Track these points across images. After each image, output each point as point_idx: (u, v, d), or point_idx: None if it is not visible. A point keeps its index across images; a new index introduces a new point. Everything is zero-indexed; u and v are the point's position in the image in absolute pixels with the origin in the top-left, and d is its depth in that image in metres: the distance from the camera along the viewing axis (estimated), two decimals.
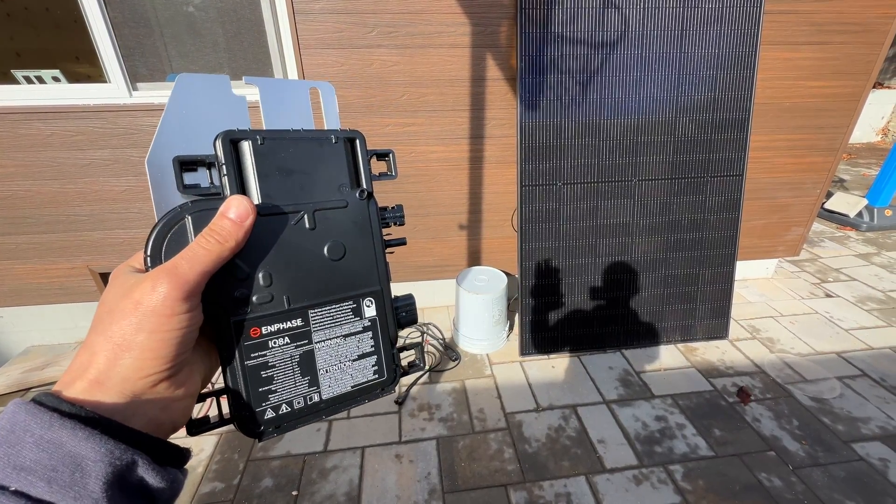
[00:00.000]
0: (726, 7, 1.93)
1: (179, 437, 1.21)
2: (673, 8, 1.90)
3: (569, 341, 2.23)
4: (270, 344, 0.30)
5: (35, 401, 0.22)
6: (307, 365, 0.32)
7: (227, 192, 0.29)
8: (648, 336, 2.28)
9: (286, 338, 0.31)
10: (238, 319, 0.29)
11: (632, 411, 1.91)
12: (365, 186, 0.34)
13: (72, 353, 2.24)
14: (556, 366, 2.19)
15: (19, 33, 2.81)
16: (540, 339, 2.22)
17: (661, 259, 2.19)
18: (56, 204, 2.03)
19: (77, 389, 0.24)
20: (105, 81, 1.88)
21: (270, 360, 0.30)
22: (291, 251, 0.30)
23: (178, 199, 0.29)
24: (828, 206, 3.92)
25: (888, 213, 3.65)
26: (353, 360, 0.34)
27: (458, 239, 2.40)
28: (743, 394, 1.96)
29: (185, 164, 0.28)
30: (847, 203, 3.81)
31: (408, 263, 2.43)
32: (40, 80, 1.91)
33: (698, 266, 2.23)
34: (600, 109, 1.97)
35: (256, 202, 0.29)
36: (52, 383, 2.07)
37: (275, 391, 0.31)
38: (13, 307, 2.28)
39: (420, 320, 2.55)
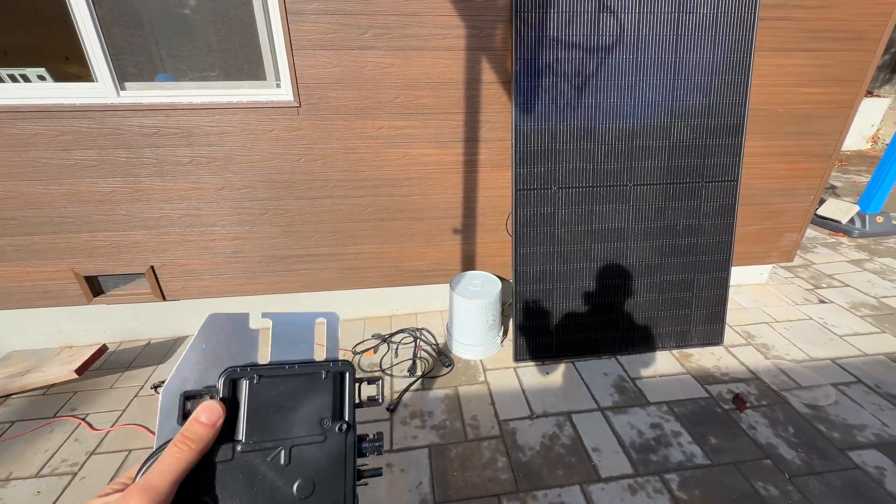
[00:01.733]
0: (721, 13, 1.93)
1: None
2: (668, 13, 1.90)
3: (563, 347, 2.21)
4: None
5: None
6: None
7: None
8: (643, 342, 2.26)
9: None
10: None
11: (627, 418, 1.88)
12: (347, 419, 0.35)
13: (56, 357, 2.19)
14: (550, 372, 2.16)
15: (7, 31, 2.76)
16: (534, 344, 2.19)
17: (656, 264, 2.18)
18: (40, 205, 1.98)
19: None
20: (92, 80, 1.83)
21: None
22: (261, 487, 0.31)
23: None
24: (820, 212, 3.94)
25: (879, 219, 3.68)
26: None
27: (452, 243, 2.38)
28: (739, 401, 1.94)
29: (190, 398, 0.32)
30: (839, 209, 3.84)
31: (401, 268, 2.40)
32: (25, 78, 1.87)
33: (693, 271, 2.22)
34: (596, 113, 1.96)
35: (240, 438, 0.31)
36: (33, 390, 2.02)
37: None
38: None
39: (413, 325, 2.51)
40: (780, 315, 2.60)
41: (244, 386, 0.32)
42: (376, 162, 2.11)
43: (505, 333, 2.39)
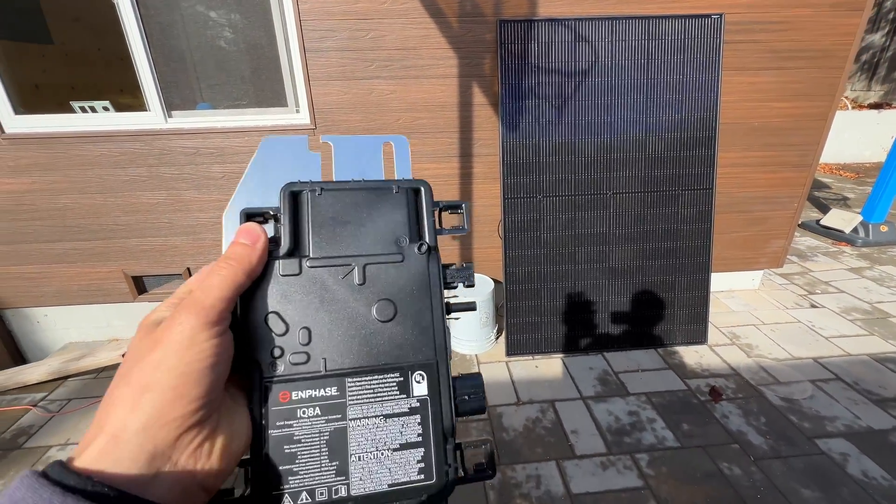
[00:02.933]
0: (688, 38, 2.15)
1: None
2: (638, 40, 2.13)
3: (552, 343, 2.39)
4: (299, 413, 0.27)
5: (41, 473, 0.20)
6: (337, 447, 0.28)
7: (283, 241, 0.29)
8: (628, 339, 2.41)
9: (317, 408, 0.27)
10: (269, 379, 0.27)
11: (606, 406, 2.04)
12: (426, 240, 0.31)
13: (106, 346, 2.52)
14: (539, 366, 2.33)
15: (75, 70, 3.24)
16: (525, 340, 2.38)
17: (638, 266, 2.35)
18: (98, 214, 2.34)
19: (92, 452, 0.22)
20: (145, 110, 2.20)
21: (297, 434, 0.27)
22: (335, 308, 0.28)
23: None
24: (823, 222, 3.99)
25: (884, 228, 3.71)
26: (394, 450, 0.28)
27: (450, 249, 2.61)
28: (715, 393, 2.07)
29: (251, 216, 0.30)
30: (842, 219, 3.88)
31: None
32: (93, 109, 2.25)
33: (674, 273, 2.37)
34: (575, 130, 2.19)
35: (307, 253, 0.29)
36: (89, 372, 2.34)
37: (297, 473, 0.27)
38: (56, 307, 2.57)
39: None
40: (768, 318, 2.70)
41: (306, 198, 0.30)
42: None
43: (499, 331, 2.59)
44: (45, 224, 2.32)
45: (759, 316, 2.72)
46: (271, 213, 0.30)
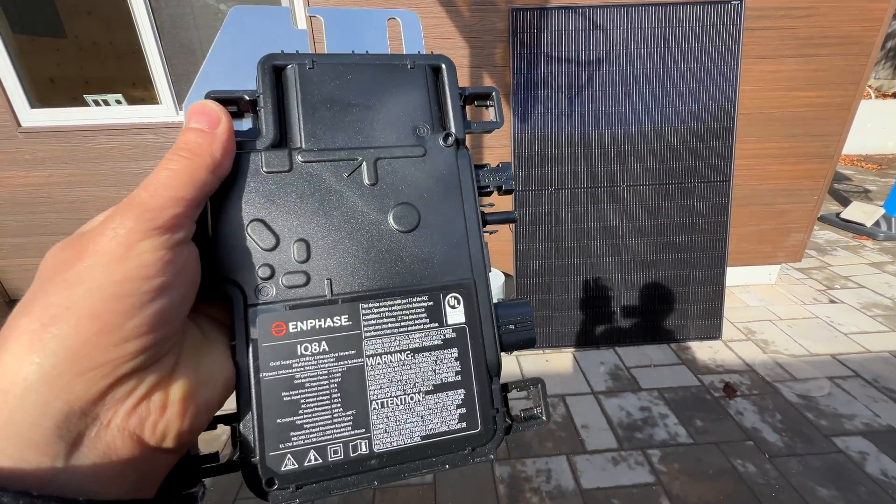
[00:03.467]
0: (706, 26, 2.08)
1: None
2: (654, 28, 2.07)
3: (563, 337, 2.37)
4: (299, 350, 0.21)
5: None
6: (353, 391, 0.22)
7: (265, 129, 0.23)
8: (640, 334, 2.38)
9: (324, 343, 0.22)
10: (256, 306, 0.21)
11: (618, 402, 2.02)
12: (453, 130, 0.26)
13: None
14: (550, 360, 2.32)
15: (88, 63, 3.27)
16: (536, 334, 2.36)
17: (652, 260, 2.31)
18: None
19: None
20: (157, 103, 2.21)
21: (298, 377, 0.21)
22: (341, 215, 0.23)
23: None
24: (844, 215, 3.88)
25: None
26: (426, 393, 0.23)
27: None
28: (729, 389, 2.04)
29: (219, 102, 0.22)
30: (864, 212, 3.77)
31: None
32: (106, 102, 2.27)
33: (689, 268, 2.33)
34: (588, 121, 2.14)
35: (298, 145, 0.23)
36: None
37: (301, 427, 0.21)
38: None
39: None
40: (785, 314, 2.64)
41: (293, 73, 0.23)
42: None
43: None
44: (62, 217, 2.36)
45: (776, 311, 2.66)
46: (247, 97, 0.23)
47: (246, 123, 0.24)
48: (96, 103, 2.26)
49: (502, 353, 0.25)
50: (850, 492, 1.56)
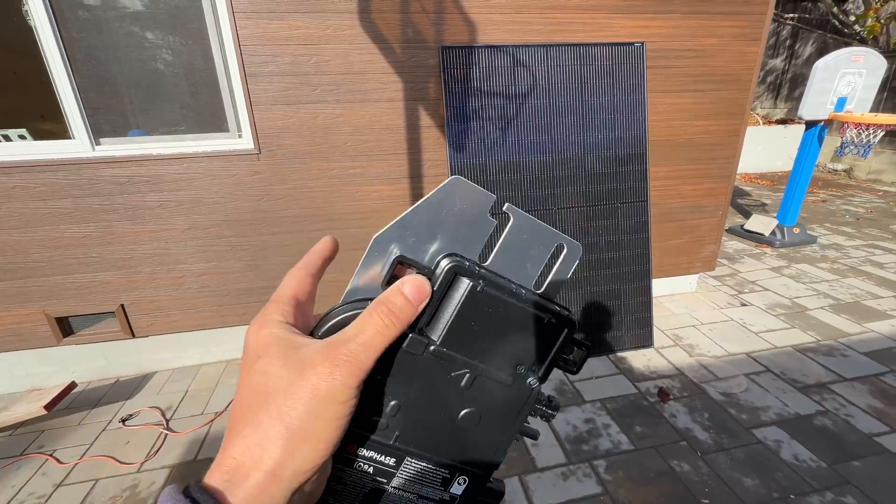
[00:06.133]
0: (616, 64, 2.32)
1: None
2: (571, 66, 2.28)
3: None
4: (355, 465, 0.29)
5: (190, 496, 0.22)
6: (370, 502, 0.31)
7: (423, 317, 0.27)
8: None
9: (371, 468, 0.29)
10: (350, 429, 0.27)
11: (564, 416, 2.09)
12: (540, 375, 0.31)
13: (25, 397, 2.26)
14: None
15: None
16: None
17: (586, 277, 2.46)
18: (16, 252, 2.12)
19: (250, 487, 0.22)
20: (69, 137, 2.05)
21: (345, 478, 0.29)
22: (431, 398, 0.29)
23: (376, 286, 0.28)
24: (747, 226, 4.38)
25: (796, 230, 4.13)
26: None
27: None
28: (663, 394, 2.18)
29: (403, 264, 0.27)
30: (762, 223, 4.28)
31: None
32: (6, 137, 2.07)
33: (619, 282, 2.50)
34: (519, 150, 2.28)
35: (435, 340, 0.28)
36: (4, 429, 2.08)
37: None
38: None
39: None
40: (705, 318, 2.90)
41: (464, 287, 0.27)
42: (332, 199, 2.36)
43: None
44: None
45: (698, 317, 2.92)
46: (424, 272, 0.27)
47: None
48: None
49: None
50: (770, 479, 1.71)
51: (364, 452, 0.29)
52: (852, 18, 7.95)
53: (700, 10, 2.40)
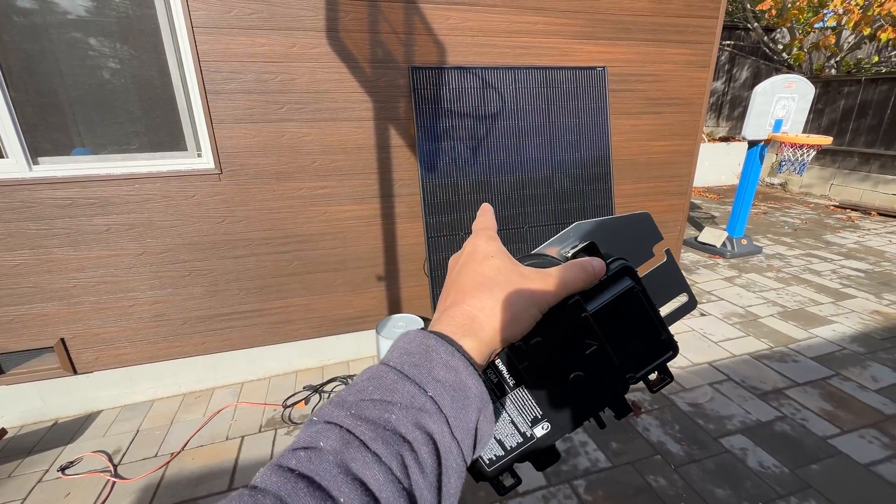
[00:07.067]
0: (579, 87, 2.41)
1: None
2: (538, 88, 2.33)
3: None
4: (487, 371, 0.34)
5: (437, 334, 0.29)
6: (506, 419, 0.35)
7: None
8: None
9: (497, 379, 0.34)
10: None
11: None
12: (636, 378, 0.36)
13: None
14: None
15: None
16: None
17: None
18: None
19: (468, 345, 0.29)
20: (2, 157, 1.86)
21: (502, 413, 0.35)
22: (561, 350, 0.33)
23: (554, 257, 0.36)
24: (700, 238, 4.63)
25: (744, 241, 4.41)
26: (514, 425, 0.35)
27: (377, 290, 2.54)
28: (635, 407, 2.22)
29: (584, 250, 0.35)
30: (714, 235, 4.54)
31: (330, 317, 2.51)
32: None
33: None
34: (489, 169, 2.30)
35: (589, 312, 0.33)
36: None
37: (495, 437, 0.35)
38: None
39: (346, 373, 2.59)
40: (671, 330, 3.00)
41: (625, 285, 0.33)
42: (299, 219, 2.27)
43: None
44: None
45: None
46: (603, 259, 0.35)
47: None
48: None
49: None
50: (740, 488, 1.77)
51: (498, 364, 0.33)
52: (780, 47, 8.74)
53: (655, 38, 2.54)
